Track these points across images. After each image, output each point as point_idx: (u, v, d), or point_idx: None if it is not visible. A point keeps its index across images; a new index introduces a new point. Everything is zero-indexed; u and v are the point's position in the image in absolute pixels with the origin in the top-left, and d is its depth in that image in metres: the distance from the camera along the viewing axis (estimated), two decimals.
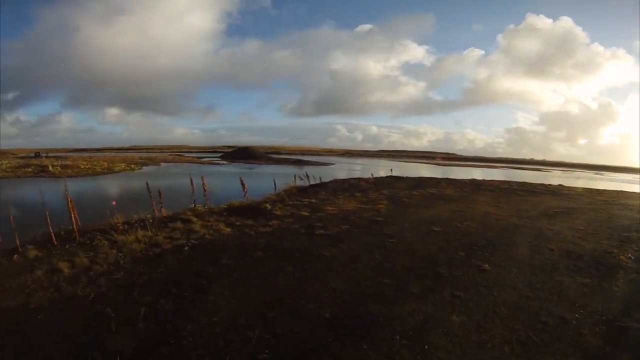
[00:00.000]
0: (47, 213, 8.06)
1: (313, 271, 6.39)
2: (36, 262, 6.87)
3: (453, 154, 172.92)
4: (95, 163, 44.32)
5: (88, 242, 7.95)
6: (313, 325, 4.63)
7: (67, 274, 6.32)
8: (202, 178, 13.32)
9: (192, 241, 8.03)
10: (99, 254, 7.20)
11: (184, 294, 5.52)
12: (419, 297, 5.37)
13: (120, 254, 7.22)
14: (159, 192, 10.93)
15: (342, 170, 49.00)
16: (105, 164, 43.96)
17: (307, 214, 11.27)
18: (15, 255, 7.16)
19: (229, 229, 9.13)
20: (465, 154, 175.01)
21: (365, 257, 7.04)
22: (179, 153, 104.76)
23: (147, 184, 10.80)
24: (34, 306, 5.26)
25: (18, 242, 7.59)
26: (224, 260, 6.90)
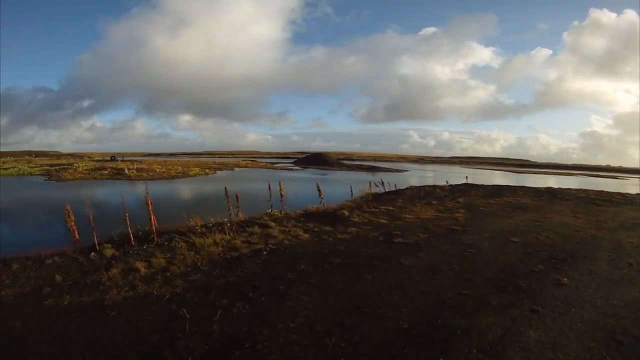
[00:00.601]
0: (127, 214, 8.34)
1: (391, 280, 6.20)
2: (113, 261, 7.10)
3: (527, 160, 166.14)
4: (169, 167, 46.09)
5: (166, 243, 8.14)
6: (390, 335, 4.45)
7: (144, 273, 6.48)
8: (280, 183, 13.38)
9: (270, 246, 8.01)
10: (176, 255, 7.35)
11: (261, 299, 5.45)
12: (497, 310, 5.08)
13: (197, 257, 7.31)
14: (237, 196, 11.11)
15: (416, 177, 47.99)
16: (180, 168, 45.62)
17: (385, 221, 11.08)
18: (93, 254, 7.47)
19: (307, 235, 9.06)
20: (539, 160, 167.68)
21: (444, 267, 6.78)
22: (252, 158, 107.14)
23: (225, 188, 11.02)
24: (108, 303, 5.41)
25: (96, 241, 7.91)
26: (302, 265, 6.82)
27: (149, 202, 8.55)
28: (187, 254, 7.41)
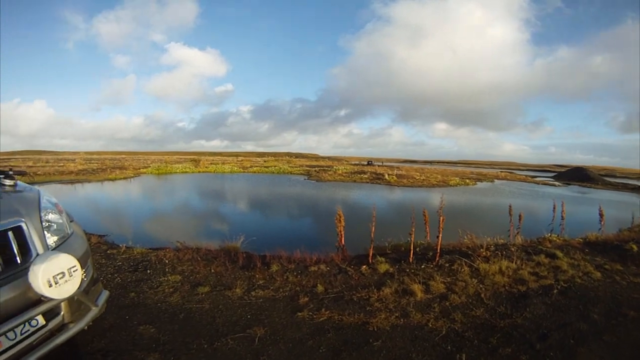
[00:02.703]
0: (414, 225, 7.18)
1: None
2: (386, 278, 6.06)
3: None
4: (428, 175, 45.34)
5: (447, 264, 6.66)
6: None
7: (419, 298, 5.22)
8: (563, 204, 10.96)
9: (561, 283, 6.02)
10: (457, 281, 5.87)
11: (549, 353, 3.90)
12: None
13: (481, 286, 5.71)
14: (520, 215, 9.16)
15: None
16: (439, 176, 44.32)
17: None
18: (364, 267, 6.55)
19: (598, 273, 6.67)
20: None
21: None
22: (509, 170, 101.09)
23: (509, 206, 9.28)
24: (372, 329, 4.37)
25: (371, 252, 6.97)
26: (594, 314, 4.87)
27: (441, 216, 7.13)
28: (469, 281, 5.79)
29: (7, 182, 3.34)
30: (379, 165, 68.17)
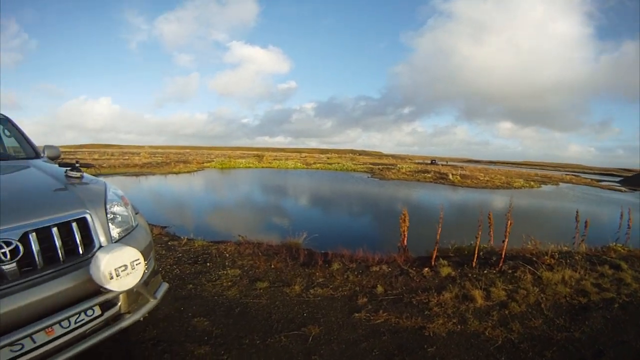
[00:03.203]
0: (480, 227, 6.89)
1: None
2: (447, 282, 5.87)
3: None
4: (492, 176, 43.86)
5: (510, 271, 6.34)
6: None
7: (479, 305, 5.04)
8: (629, 211, 10.24)
9: (623, 297, 5.62)
10: (519, 289, 5.59)
11: None
12: None
13: (542, 295, 5.41)
14: (586, 222, 8.62)
15: None
16: (503, 177, 42.85)
17: None
18: (426, 269, 6.36)
19: None
20: None
21: None
22: (574, 173, 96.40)
23: (577, 211, 8.72)
24: (428, 334, 4.25)
25: (434, 255, 6.78)
26: None
27: (510, 220, 6.70)
28: (530, 290, 5.49)
29: (74, 174, 3.43)
30: (442, 165, 66.99)
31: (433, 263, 6.61)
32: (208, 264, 6.47)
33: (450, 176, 38.44)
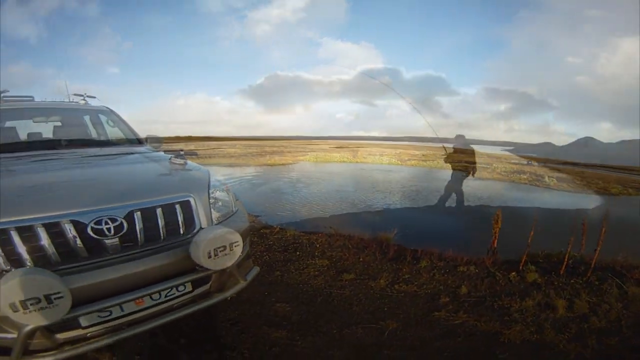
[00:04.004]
0: (574, 235, 6.57)
1: None
2: (532, 289, 5.74)
3: None
4: (589, 180, 40.86)
5: (597, 282, 6.02)
6: None
7: (559, 315, 4.93)
8: None
9: None
10: (602, 302, 5.32)
11: None
12: None
13: (624, 311, 5.09)
14: None
15: None
16: (600, 182, 39.83)
17: None
18: (513, 273, 6.27)
19: None
20: None
21: None
22: None
23: None
24: (503, 340, 4.26)
25: (524, 259, 6.61)
26: None
27: (604, 225, 6.24)
28: (613, 305, 5.20)
29: (178, 161, 3.82)
30: (539, 166, 63.30)
31: (521, 267, 6.50)
32: (297, 253, 6.78)
33: (546, 178, 36.35)
